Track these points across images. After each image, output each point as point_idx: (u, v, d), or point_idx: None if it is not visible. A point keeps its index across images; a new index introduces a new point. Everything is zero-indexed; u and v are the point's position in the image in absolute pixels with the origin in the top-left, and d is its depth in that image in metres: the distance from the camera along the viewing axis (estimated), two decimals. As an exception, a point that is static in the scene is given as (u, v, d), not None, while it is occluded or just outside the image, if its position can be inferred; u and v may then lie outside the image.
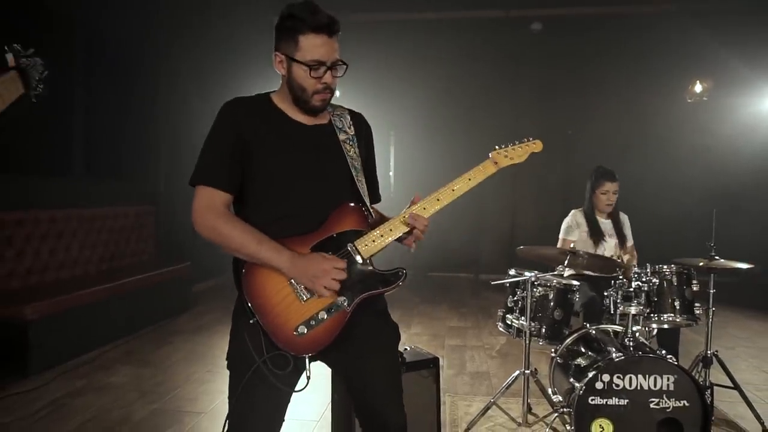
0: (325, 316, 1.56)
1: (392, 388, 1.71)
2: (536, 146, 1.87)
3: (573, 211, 3.87)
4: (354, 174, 1.70)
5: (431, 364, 2.77)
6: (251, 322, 1.54)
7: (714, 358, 3.15)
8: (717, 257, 3.10)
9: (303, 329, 1.54)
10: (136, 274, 5.03)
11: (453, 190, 1.70)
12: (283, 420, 1.67)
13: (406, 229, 1.65)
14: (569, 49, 7.71)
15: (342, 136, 1.73)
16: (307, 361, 1.58)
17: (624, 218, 3.87)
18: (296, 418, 3.12)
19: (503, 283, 3.07)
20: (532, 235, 7.75)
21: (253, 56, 6.73)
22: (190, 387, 3.65)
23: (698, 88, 7.10)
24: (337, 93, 8.22)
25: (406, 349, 2.87)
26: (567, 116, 7.90)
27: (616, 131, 7.64)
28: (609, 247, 3.72)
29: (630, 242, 3.81)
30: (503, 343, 4.80)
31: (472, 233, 8.33)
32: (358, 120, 1.82)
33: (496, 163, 1.79)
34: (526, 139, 1.87)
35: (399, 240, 1.67)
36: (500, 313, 3.18)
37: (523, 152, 1.85)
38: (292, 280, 1.55)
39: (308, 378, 1.60)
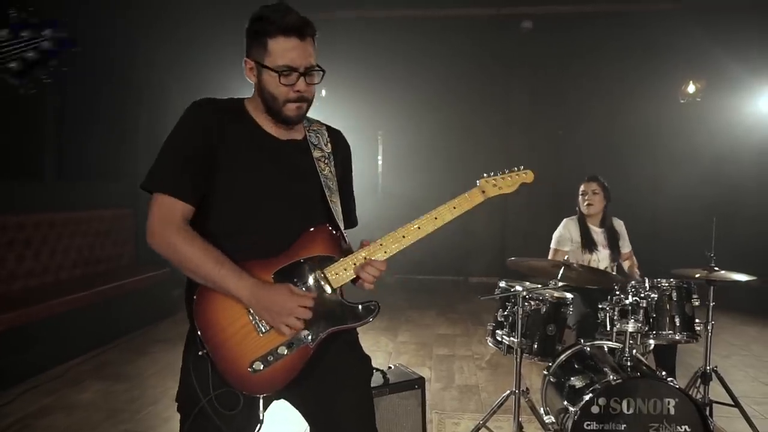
0: (285, 352, 1.40)
1: (366, 429, 1.55)
2: (527, 177, 1.73)
3: (565, 220, 3.72)
4: (327, 194, 1.56)
5: (416, 385, 2.62)
6: (200, 354, 1.37)
7: (713, 374, 3.02)
8: (717, 268, 2.96)
9: (259, 365, 1.38)
10: (112, 281, 4.83)
11: (435, 218, 1.56)
12: None
13: (386, 256, 1.50)
14: (560, 48, 7.55)
15: (317, 153, 1.59)
16: (260, 402, 1.43)
17: (619, 225, 3.72)
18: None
19: (491, 298, 2.90)
20: (523, 237, 7.61)
21: (234, 54, 6.48)
22: (165, 404, 3.45)
23: (691, 88, 6.97)
24: (323, 92, 8.00)
25: (389, 367, 2.73)
26: (557, 116, 7.74)
27: (607, 132, 7.49)
28: (603, 258, 3.57)
29: (627, 249, 3.66)
30: (493, 353, 4.63)
31: (460, 234, 8.18)
32: (336, 137, 1.68)
33: (483, 191, 1.65)
34: (516, 168, 1.74)
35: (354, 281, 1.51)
36: (489, 328, 3.01)
37: (513, 182, 1.71)
38: (251, 309, 1.39)
39: (261, 422, 1.45)
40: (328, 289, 1.45)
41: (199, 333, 1.37)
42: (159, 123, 6.11)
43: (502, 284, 2.97)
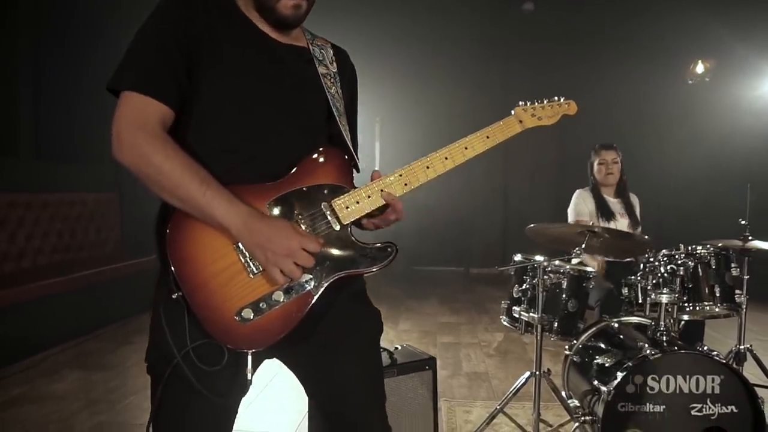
0: (282, 299, 1.12)
1: (374, 397, 1.32)
2: (569, 108, 1.50)
3: (578, 191, 3.47)
4: (336, 115, 1.29)
5: (427, 365, 2.35)
6: (174, 297, 1.10)
7: (748, 354, 2.78)
8: (751, 238, 2.71)
9: (248, 313, 1.10)
10: (95, 267, 4.55)
11: (465, 149, 1.30)
12: None
13: (407, 190, 1.25)
14: (563, 28, 7.30)
15: (322, 69, 1.31)
16: (248, 358, 1.15)
17: (635, 200, 3.48)
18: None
19: (509, 269, 2.64)
20: (525, 225, 7.35)
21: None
22: (147, 394, 3.15)
23: (700, 68, 6.73)
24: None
25: (396, 348, 2.46)
26: (561, 97, 7.48)
27: (612, 113, 7.23)
28: (621, 228, 3.32)
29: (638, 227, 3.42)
30: (501, 340, 4.38)
31: (460, 224, 7.91)
32: (342, 57, 1.41)
33: (521, 121, 1.40)
34: (556, 98, 1.50)
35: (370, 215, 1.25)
36: (504, 306, 2.75)
37: (554, 113, 1.47)
38: (240, 244, 1.11)
39: (250, 382, 1.18)
40: (337, 226, 1.18)
41: (173, 270, 1.09)
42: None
43: (518, 257, 2.71)
